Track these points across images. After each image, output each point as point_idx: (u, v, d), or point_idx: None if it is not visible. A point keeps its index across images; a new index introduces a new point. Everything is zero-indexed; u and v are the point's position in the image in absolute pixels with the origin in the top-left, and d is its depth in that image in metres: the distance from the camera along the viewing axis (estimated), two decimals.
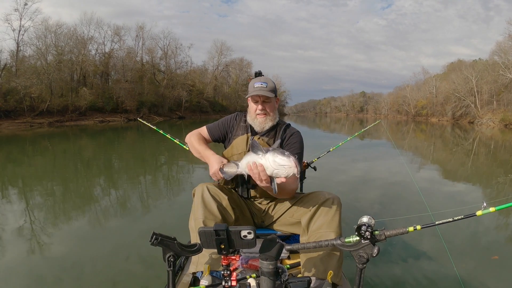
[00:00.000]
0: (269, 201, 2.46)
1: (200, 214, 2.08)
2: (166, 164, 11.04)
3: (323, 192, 2.22)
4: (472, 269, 3.56)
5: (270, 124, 2.47)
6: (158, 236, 1.58)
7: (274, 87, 2.46)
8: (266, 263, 1.55)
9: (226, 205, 2.17)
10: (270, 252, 1.55)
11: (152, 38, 59.65)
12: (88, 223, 5.02)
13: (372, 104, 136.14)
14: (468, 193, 7.15)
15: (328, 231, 2.04)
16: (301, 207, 2.26)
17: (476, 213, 1.76)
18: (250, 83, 2.50)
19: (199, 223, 2.03)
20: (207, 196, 2.15)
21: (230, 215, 2.17)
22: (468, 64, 62.30)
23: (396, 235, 1.76)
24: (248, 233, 1.53)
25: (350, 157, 11.42)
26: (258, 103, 2.43)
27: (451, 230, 4.46)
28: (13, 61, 40.14)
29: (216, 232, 1.52)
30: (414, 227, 1.78)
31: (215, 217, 2.07)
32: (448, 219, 1.78)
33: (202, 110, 63.75)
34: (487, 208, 1.73)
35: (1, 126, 30.25)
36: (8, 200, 6.21)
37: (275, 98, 2.49)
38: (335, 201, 2.14)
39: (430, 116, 70.19)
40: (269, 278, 1.56)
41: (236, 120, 2.60)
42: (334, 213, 2.10)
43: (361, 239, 1.71)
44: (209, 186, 2.21)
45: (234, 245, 1.55)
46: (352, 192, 6.79)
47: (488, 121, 48.54)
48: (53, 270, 3.46)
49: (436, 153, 15.41)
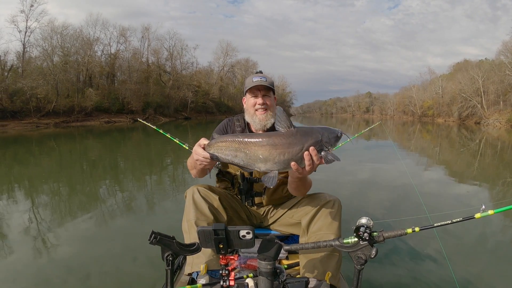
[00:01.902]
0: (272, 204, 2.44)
1: (192, 216, 2.08)
2: (172, 164, 11.07)
3: (324, 194, 2.22)
4: (468, 271, 3.54)
5: (272, 121, 2.27)
6: (157, 235, 1.59)
7: (272, 83, 2.35)
8: (264, 263, 1.56)
9: (218, 205, 2.17)
10: (268, 252, 1.55)
11: (158, 39, 59.88)
12: (94, 224, 5.05)
13: (378, 104, 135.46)
14: (471, 195, 7.08)
15: (328, 233, 2.03)
16: (301, 208, 2.25)
17: (475, 215, 1.75)
18: (247, 79, 2.37)
19: (192, 224, 2.04)
20: (197, 198, 2.14)
21: (222, 215, 2.16)
22: (474, 64, 61.86)
23: (394, 236, 1.76)
24: (247, 233, 1.52)
25: (352, 158, 11.38)
26: (258, 97, 2.29)
27: (453, 231, 4.44)
28: (19, 62, 40.46)
29: (215, 231, 1.52)
30: (413, 229, 1.78)
31: (207, 218, 2.08)
32: (447, 221, 1.78)
33: (207, 110, 63.82)
34: (486, 211, 1.73)
35: (7, 127, 30.46)
36: (14, 200, 6.26)
37: (273, 95, 2.38)
38: (336, 203, 2.14)
39: (436, 117, 69.76)
40: (267, 278, 1.56)
41: (229, 124, 2.48)
42: (334, 215, 2.10)
43: (359, 240, 1.72)
44: (200, 187, 2.20)
45: (232, 245, 1.54)
46: (351, 193, 6.77)
47: (494, 121, 48.16)
48: (59, 270, 3.48)
49: (442, 154, 15.31)
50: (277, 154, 1.68)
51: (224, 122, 2.49)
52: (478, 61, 64.93)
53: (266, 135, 1.76)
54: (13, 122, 32.51)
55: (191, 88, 59.52)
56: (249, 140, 1.73)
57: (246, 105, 2.38)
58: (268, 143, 1.69)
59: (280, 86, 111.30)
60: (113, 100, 46.41)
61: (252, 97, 2.31)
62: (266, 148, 1.69)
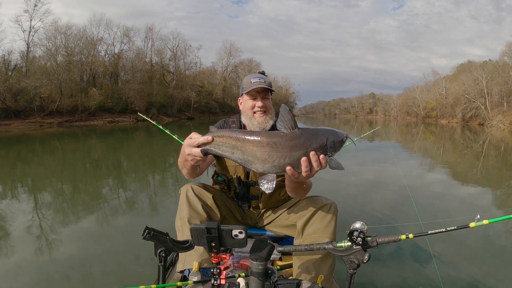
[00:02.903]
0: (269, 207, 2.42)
1: (185, 214, 2.07)
2: (174, 164, 11.07)
3: (320, 197, 2.20)
4: (458, 278, 3.52)
5: (271, 123, 2.22)
6: (150, 231, 1.60)
7: (271, 83, 2.27)
8: (256, 263, 1.55)
9: (211, 204, 2.15)
10: (260, 253, 1.55)
11: (161, 39, 59.93)
12: (96, 222, 5.09)
13: (382, 105, 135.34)
14: (471, 200, 6.93)
15: (322, 236, 2.02)
16: (297, 210, 2.24)
17: (469, 224, 1.74)
18: (244, 80, 2.29)
19: (185, 222, 2.04)
20: (191, 196, 2.13)
21: (215, 214, 2.15)
22: (478, 65, 61.67)
23: (388, 242, 1.75)
24: (240, 232, 1.51)
25: (351, 161, 11.36)
26: (257, 99, 2.21)
27: (447, 240, 4.41)
28: (23, 62, 40.64)
29: (208, 230, 1.51)
30: (407, 235, 1.78)
31: (200, 216, 2.07)
32: (441, 229, 1.77)
33: (211, 111, 63.87)
34: (480, 221, 1.71)
35: (11, 126, 30.61)
36: (17, 199, 6.30)
37: (271, 96, 2.31)
38: (332, 207, 2.12)
39: (439, 118, 69.51)
40: (258, 279, 1.56)
41: (225, 126, 2.40)
42: (330, 219, 2.08)
43: (352, 244, 1.71)
44: (194, 186, 2.19)
45: (225, 244, 1.54)
46: (347, 197, 6.70)
47: (498, 123, 47.99)
48: (61, 268, 3.51)
49: (445, 156, 15.25)
50: (277, 157, 1.53)
51: (220, 123, 2.42)
52: (482, 62, 64.77)
53: (267, 134, 1.57)
54: (17, 121, 32.66)
55: (194, 88, 59.63)
56: (248, 138, 1.56)
57: (243, 106, 2.30)
58: (268, 144, 1.54)
59: (284, 86, 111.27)
60: (116, 100, 46.52)
61: (251, 99, 2.23)
62: (266, 149, 1.54)
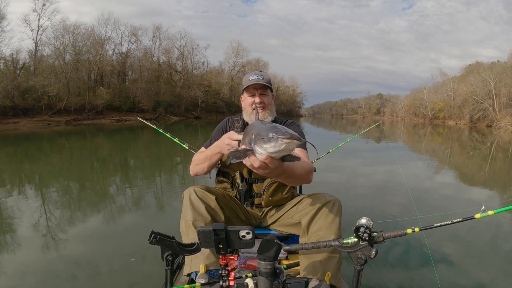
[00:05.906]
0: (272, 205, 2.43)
1: (190, 216, 2.08)
2: (182, 163, 11.08)
3: (324, 194, 2.19)
4: (461, 271, 3.53)
5: (270, 119, 2.34)
6: (156, 235, 1.60)
7: (270, 81, 2.36)
8: (264, 263, 1.56)
9: (215, 206, 2.16)
10: (268, 253, 1.55)
11: (169, 38, 60.21)
12: (103, 221, 5.09)
13: (389, 106, 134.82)
14: (476, 197, 6.95)
15: (328, 233, 2.01)
16: (301, 208, 2.23)
17: (474, 216, 1.74)
18: (244, 78, 2.39)
19: (189, 225, 2.05)
20: (194, 198, 2.14)
21: (219, 216, 2.16)
22: (486, 66, 61.33)
23: (394, 237, 1.75)
24: (247, 233, 1.51)
25: (354, 160, 11.30)
26: (255, 96, 2.32)
27: (453, 232, 4.42)
28: (31, 61, 41.00)
29: (215, 231, 1.50)
30: (413, 229, 1.77)
31: (204, 218, 2.07)
32: (447, 222, 1.77)
33: (218, 110, 63.94)
34: (486, 211, 1.72)
35: (19, 124, 30.86)
36: (25, 197, 6.32)
37: (271, 93, 2.41)
38: (336, 204, 2.12)
39: (447, 119, 69.14)
40: (267, 278, 1.56)
41: (229, 124, 2.52)
42: (334, 216, 2.08)
43: (359, 240, 1.71)
44: (196, 188, 2.20)
45: (232, 245, 1.53)
46: (352, 194, 6.72)
47: (506, 124, 47.63)
48: (67, 267, 3.50)
49: (452, 158, 15.15)
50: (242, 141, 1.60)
51: (224, 122, 2.53)
52: (490, 63, 64.30)
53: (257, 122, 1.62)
54: (25, 119, 32.95)
55: (201, 87, 59.81)
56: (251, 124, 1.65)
57: (244, 104, 2.41)
58: (246, 129, 1.60)
59: (291, 86, 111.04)
60: (124, 98, 46.77)
61: (250, 96, 2.35)
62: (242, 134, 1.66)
